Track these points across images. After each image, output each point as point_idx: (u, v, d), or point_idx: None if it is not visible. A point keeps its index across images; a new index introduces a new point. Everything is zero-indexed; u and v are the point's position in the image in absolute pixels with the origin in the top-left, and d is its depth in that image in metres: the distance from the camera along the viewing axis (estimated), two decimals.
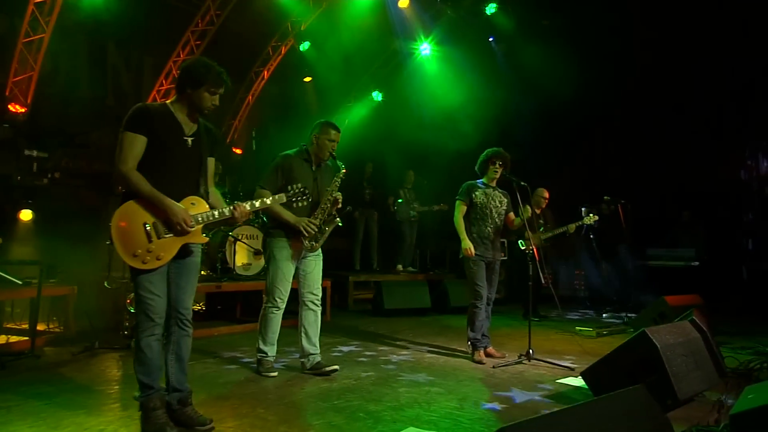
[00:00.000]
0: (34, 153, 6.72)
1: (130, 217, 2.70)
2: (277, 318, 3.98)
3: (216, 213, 2.83)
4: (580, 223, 6.66)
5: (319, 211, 3.93)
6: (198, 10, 8.47)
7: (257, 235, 6.74)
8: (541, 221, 7.13)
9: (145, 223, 2.68)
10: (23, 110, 7.54)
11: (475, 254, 4.60)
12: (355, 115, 11.02)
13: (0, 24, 7.56)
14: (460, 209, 4.70)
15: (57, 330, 5.30)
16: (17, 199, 6.60)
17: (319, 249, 4.05)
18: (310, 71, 9.63)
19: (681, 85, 8.59)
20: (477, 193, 4.68)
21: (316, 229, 3.89)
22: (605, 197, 7.46)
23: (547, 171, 8.73)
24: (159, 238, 2.69)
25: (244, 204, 2.94)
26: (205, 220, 2.81)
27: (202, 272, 6.46)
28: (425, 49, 10.18)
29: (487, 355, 4.83)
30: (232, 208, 2.89)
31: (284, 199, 3.25)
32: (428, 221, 9.25)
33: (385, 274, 8.53)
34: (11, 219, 6.58)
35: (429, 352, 5.16)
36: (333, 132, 3.97)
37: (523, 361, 4.67)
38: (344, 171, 3.93)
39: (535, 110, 9.15)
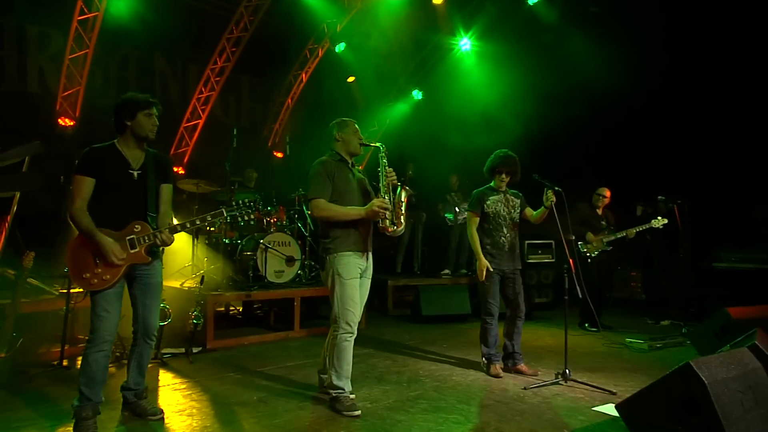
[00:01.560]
0: None
1: (82, 246, 3.10)
2: (351, 346, 3.49)
3: (149, 236, 3.15)
4: (645, 226, 6.25)
5: (383, 192, 3.52)
6: (233, 15, 8.30)
7: (289, 242, 6.51)
8: (604, 223, 6.60)
9: (93, 252, 3.05)
10: (71, 123, 7.65)
11: (490, 267, 4.30)
12: (395, 115, 10.72)
13: (54, 42, 7.59)
14: (473, 221, 4.42)
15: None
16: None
17: (371, 271, 3.62)
18: (349, 72, 9.36)
19: (749, 72, 7.64)
20: (488, 202, 4.41)
21: (390, 206, 3.45)
22: (659, 197, 6.82)
23: (597, 169, 8.13)
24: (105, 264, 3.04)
25: (166, 230, 3.19)
26: (143, 242, 3.14)
27: (235, 278, 6.36)
28: (465, 44, 9.73)
29: (518, 372, 4.47)
30: (158, 232, 3.17)
31: (223, 215, 3.32)
32: None
33: (426, 278, 8.17)
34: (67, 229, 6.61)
35: (459, 366, 4.80)
36: (352, 123, 3.67)
37: (560, 382, 4.20)
38: (384, 148, 3.59)
39: (583, 104, 8.47)
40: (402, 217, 3.51)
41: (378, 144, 3.55)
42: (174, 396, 3.86)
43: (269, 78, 9.35)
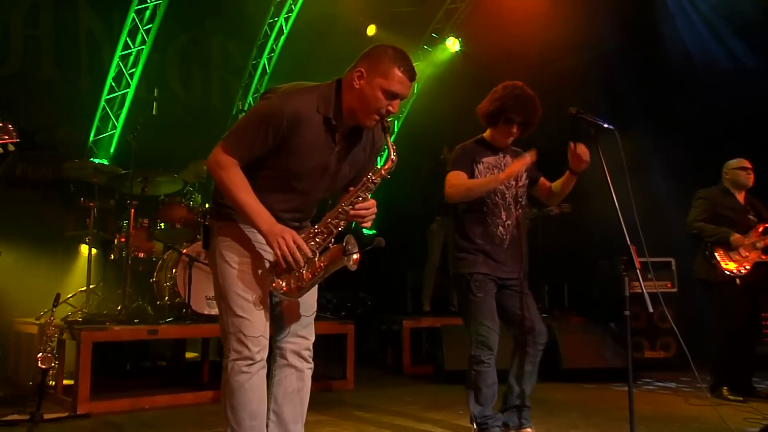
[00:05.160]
0: None
1: None
2: (254, 382, 2.72)
3: None
4: None
5: (323, 226, 2.62)
6: None
7: None
8: (752, 217, 5.41)
9: None
10: None
11: (477, 273, 3.80)
12: (422, 76, 9.69)
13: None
14: (455, 178, 3.80)
15: None
16: None
17: None
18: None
19: None
20: (481, 166, 3.86)
21: (303, 262, 2.54)
22: None
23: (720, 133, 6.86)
24: None
25: None
26: None
27: (142, 306, 5.60)
28: None
29: None
30: None
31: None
32: (542, 233, 7.57)
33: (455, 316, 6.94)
34: None
35: None
36: (400, 73, 2.51)
37: None
38: (394, 159, 2.54)
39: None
40: (307, 286, 2.59)
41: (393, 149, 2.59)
42: None
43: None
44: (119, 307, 5.22)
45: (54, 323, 4.47)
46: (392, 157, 2.50)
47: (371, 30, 9.03)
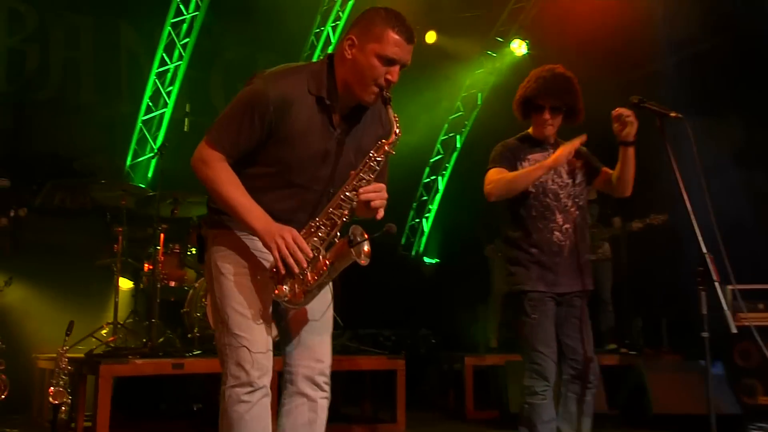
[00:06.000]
0: None
1: None
2: (255, 413, 2.62)
3: None
4: None
5: (324, 218, 2.45)
6: None
7: None
8: None
9: None
10: None
11: (532, 290, 3.61)
12: (485, 86, 9.74)
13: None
14: (496, 174, 3.64)
15: None
16: None
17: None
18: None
19: None
20: (526, 163, 3.72)
21: (306, 263, 2.39)
22: None
23: None
24: None
25: None
26: None
27: (170, 337, 5.51)
28: None
29: None
30: None
31: None
32: (629, 253, 7.21)
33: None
34: None
35: None
36: (394, 35, 2.37)
37: None
38: (398, 133, 2.40)
39: None
40: (314, 289, 2.42)
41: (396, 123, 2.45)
42: None
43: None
44: (144, 340, 5.13)
45: (67, 354, 4.39)
46: (395, 130, 2.36)
47: (431, 37, 8.98)
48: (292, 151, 2.37)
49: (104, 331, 5.54)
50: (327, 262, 2.37)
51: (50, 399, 4.32)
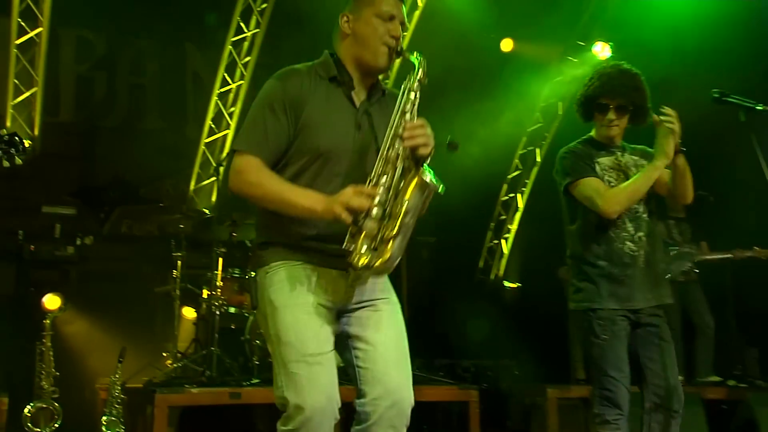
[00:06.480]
0: (59, 210, 6.50)
1: None
2: None
3: None
4: None
5: (381, 162, 2.39)
6: None
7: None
8: None
9: None
10: None
11: (602, 308, 3.44)
12: (566, 94, 9.15)
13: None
14: (588, 185, 3.49)
15: None
16: (38, 279, 6.18)
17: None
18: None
19: None
20: (597, 168, 3.60)
21: (378, 200, 2.33)
22: None
23: None
24: None
25: None
26: None
27: (228, 365, 5.45)
28: None
29: None
30: None
31: None
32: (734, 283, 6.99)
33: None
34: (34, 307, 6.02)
35: None
36: None
37: None
38: (423, 68, 2.46)
39: None
40: (397, 237, 2.32)
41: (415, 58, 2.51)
42: None
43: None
44: (201, 369, 5.11)
45: (119, 383, 4.42)
46: (418, 63, 2.43)
47: (507, 45, 8.79)
48: (321, 134, 2.38)
49: (168, 361, 5.57)
50: (405, 199, 2.26)
51: (102, 429, 4.35)
